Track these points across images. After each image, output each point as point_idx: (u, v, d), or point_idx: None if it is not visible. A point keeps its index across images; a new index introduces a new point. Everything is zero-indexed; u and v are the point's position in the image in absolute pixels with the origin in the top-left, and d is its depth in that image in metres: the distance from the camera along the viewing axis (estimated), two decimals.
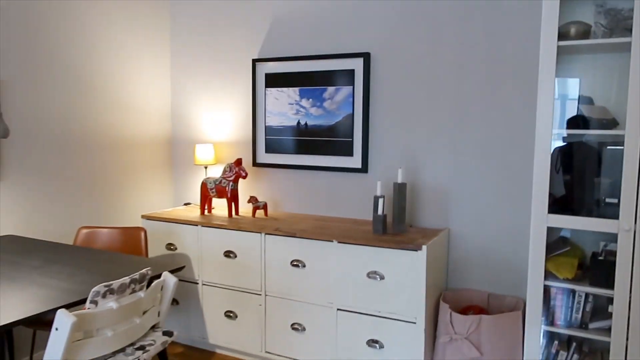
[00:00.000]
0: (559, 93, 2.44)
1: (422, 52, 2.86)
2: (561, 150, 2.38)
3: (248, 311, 2.89)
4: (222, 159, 3.55)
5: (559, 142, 2.40)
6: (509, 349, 2.38)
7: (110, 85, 3.26)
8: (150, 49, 3.54)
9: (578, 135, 2.34)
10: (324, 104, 3.16)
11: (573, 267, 2.27)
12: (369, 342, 2.57)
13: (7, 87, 2.67)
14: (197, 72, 3.61)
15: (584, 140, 2.36)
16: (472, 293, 2.76)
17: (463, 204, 2.81)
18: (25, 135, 2.78)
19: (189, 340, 3.18)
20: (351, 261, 2.58)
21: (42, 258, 2.25)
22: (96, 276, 2.01)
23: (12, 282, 1.91)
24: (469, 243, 2.81)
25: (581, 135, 2.33)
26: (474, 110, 2.76)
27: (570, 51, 2.32)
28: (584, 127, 2.27)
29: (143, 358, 1.81)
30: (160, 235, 3.11)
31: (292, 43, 3.24)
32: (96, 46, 3.15)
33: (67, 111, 3.00)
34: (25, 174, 2.79)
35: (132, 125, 3.43)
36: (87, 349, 1.67)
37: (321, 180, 3.21)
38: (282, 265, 2.76)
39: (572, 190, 2.34)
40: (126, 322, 1.79)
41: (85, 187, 3.13)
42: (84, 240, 2.82)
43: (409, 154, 2.94)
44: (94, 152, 3.17)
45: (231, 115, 3.50)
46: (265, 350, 2.87)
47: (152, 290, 1.91)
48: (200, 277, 3.01)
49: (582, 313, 2.24)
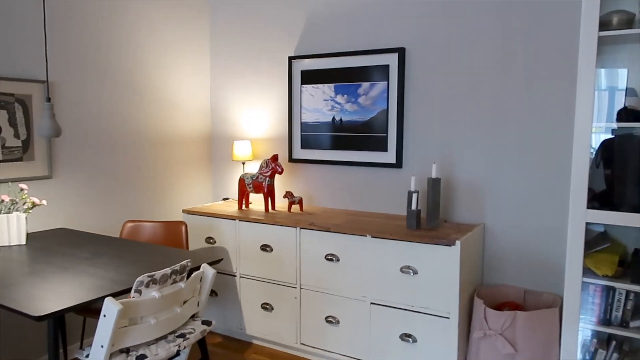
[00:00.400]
0: (606, 84, 2.37)
1: (457, 46, 2.84)
2: (602, 143, 2.32)
3: (284, 304, 2.96)
4: (259, 155, 3.63)
5: (603, 135, 2.33)
6: (545, 347, 2.35)
7: (154, 85, 3.40)
8: (191, 49, 3.65)
9: (622, 128, 2.27)
10: (359, 100, 3.18)
11: (613, 264, 2.21)
12: (402, 336, 2.59)
13: (58, 88, 2.83)
14: (235, 71, 3.70)
15: (627, 134, 2.29)
16: (508, 289, 2.73)
17: (499, 199, 2.78)
18: (74, 134, 2.94)
19: (227, 331, 3.28)
20: (385, 256, 2.61)
21: (91, 250, 2.38)
22: (140, 267, 2.12)
23: (64, 271, 2.04)
24: (505, 238, 2.78)
25: (625, 128, 2.26)
26: (511, 103, 2.72)
27: (615, 41, 2.25)
28: (627, 120, 2.20)
29: (183, 345, 1.91)
30: (200, 229, 3.22)
31: (327, 40, 3.28)
32: (141, 47, 3.29)
33: (112, 110, 3.15)
34: (75, 171, 2.95)
35: (174, 123, 3.56)
36: (132, 334, 1.77)
37: (356, 175, 3.24)
38: (317, 259, 2.82)
39: (613, 185, 2.28)
40: (168, 311, 1.88)
41: (130, 183, 3.28)
42: (129, 234, 2.96)
43: (444, 149, 2.93)
44: (138, 150, 3.32)
45: (268, 112, 3.58)
46: (300, 342, 2.93)
47: (192, 281, 1.99)
48: (238, 270, 3.11)
49: (622, 311, 2.19)
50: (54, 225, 2.86)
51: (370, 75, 3.12)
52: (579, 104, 2.16)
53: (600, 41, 2.13)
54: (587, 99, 2.14)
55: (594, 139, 2.33)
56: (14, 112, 2.63)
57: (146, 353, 1.79)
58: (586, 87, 2.14)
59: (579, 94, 2.15)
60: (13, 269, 2.07)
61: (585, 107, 2.15)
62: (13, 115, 2.63)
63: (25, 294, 1.78)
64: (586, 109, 2.15)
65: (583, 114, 2.15)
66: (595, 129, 2.32)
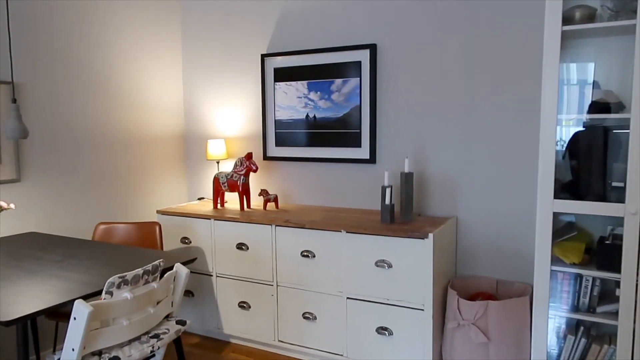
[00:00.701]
0: (576, 78, 2.42)
1: (427, 41, 2.88)
2: (575, 135, 2.37)
3: (261, 301, 2.96)
4: (233, 153, 3.62)
5: (573, 128, 2.38)
6: (517, 334, 2.40)
7: (125, 84, 3.35)
8: (163, 47, 3.61)
9: (592, 119, 2.32)
10: (332, 97, 3.20)
11: (580, 252, 2.28)
12: (378, 329, 2.62)
13: (24, 89, 2.77)
14: (208, 69, 3.68)
15: (591, 125, 2.35)
16: (481, 280, 2.78)
17: (471, 192, 2.83)
18: (43, 136, 2.88)
19: (204, 331, 3.27)
20: (360, 250, 2.63)
21: (61, 253, 2.34)
22: (112, 269, 2.10)
23: (34, 275, 2.00)
24: (477, 230, 2.83)
25: (595, 119, 2.32)
26: (482, 98, 2.77)
27: (580, 35, 2.31)
28: (596, 112, 2.26)
29: (157, 345, 1.89)
30: (175, 230, 3.20)
31: (300, 37, 3.28)
32: (110, 45, 3.24)
33: (83, 110, 3.10)
34: (44, 173, 2.89)
35: (146, 122, 3.52)
36: (105, 336, 1.75)
37: (331, 172, 3.26)
38: (293, 256, 2.82)
39: (578, 175, 2.34)
40: (141, 312, 1.87)
41: (102, 184, 3.23)
42: (102, 236, 2.92)
43: (417, 143, 2.97)
44: (110, 150, 3.27)
45: (242, 110, 3.57)
46: (278, 339, 2.94)
47: (165, 281, 1.98)
48: (214, 269, 3.10)
49: (589, 297, 2.25)
50: (23, 230, 2.80)
51: (343, 72, 3.14)
52: (544, 97, 2.21)
53: (566, 35, 2.18)
54: (551, 92, 2.20)
55: (564, 132, 2.39)
56: None
57: (119, 355, 1.77)
58: (551, 80, 2.19)
59: (544, 87, 2.20)
60: None
61: (550, 100, 2.20)
62: None
63: None
64: (551, 101, 2.20)
65: (548, 106, 2.21)
66: (565, 121, 2.38)
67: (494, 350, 2.39)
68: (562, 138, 2.40)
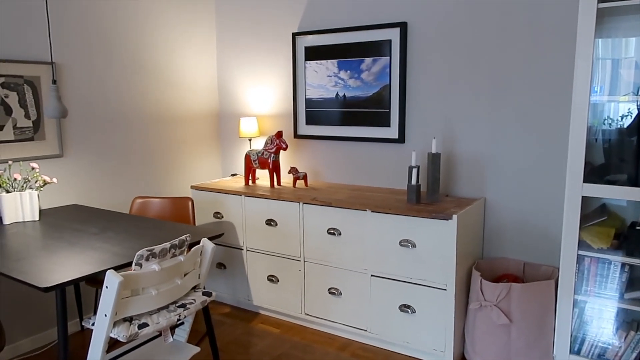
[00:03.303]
0: (611, 57, 2.31)
1: (459, 19, 2.81)
2: None
3: (289, 276, 3.05)
4: (265, 131, 3.68)
5: (608, 108, 2.29)
6: (541, 317, 2.38)
7: (161, 63, 3.45)
8: (197, 26, 3.68)
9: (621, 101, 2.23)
10: (362, 76, 3.19)
11: (609, 237, 2.22)
12: (401, 307, 2.66)
13: (65, 70, 2.91)
14: (241, 48, 3.73)
15: None
16: (508, 262, 2.76)
17: (500, 174, 2.79)
18: (83, 114, 3.03)
19: (235, 301, 3.40)
20: (384, 230, 2.65)
21: (99, 225, 2.49)
22: (144, 242, 2.22)
23: (73, 246, 2.15)
24: (505, 212, 2.79)
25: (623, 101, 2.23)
26: (513, 77, 2.69)
27: (616, 13, 2.20)
28: None
29: (184, 314, 2.01)
30: (208, 205, 3.32)
31: (331, 15, 3.27)
32: (147, 26, 3.33)
33: (121, 90, 3.22)
34: (85, 150, 3.05)
35: (181, 101, 3.63)
36: (134, 304, 1.87)
37: (359, 151, 3.27)
38: (319, 233, 2.88)
39: (610, 158, 2.26)
40: (168, 283, 1.98)
41: (140, 161, 3.38)
42: (139, 209, 3.07)
43: (447, 123, 2.93)
44: (147, 128, 3.40)
45: (273, 89, 3.61)
46: (305, 312, 3.03)
47: (192, 255, 2.08)
48: (245, 244, 3.20)
49: (617, 283, 2.20)
50: (66, 202, 2.98)
51: (373, 51, 3.11)
52: (576, 77, 2.13)
53: (602, 13, 2.08)
54: (584, 71, 2.12)
55: (614, 110, 2.27)
56: (23, 93, 2.72)
57: (148, 322, 1.89)
58: (584, 59, 2.11)
59: (577, 67, 2.13)
60: (25, 243, 2.19)
61: (582, 80, 2.12)
62: (23, 97, 2.72)
63: (35, 267, 1.89)
64: (584, 81, 2.12)
65: (581, 86, 2.13)
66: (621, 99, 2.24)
67: (515, 332, 2.39)
68: (610, 116, 2.29)
